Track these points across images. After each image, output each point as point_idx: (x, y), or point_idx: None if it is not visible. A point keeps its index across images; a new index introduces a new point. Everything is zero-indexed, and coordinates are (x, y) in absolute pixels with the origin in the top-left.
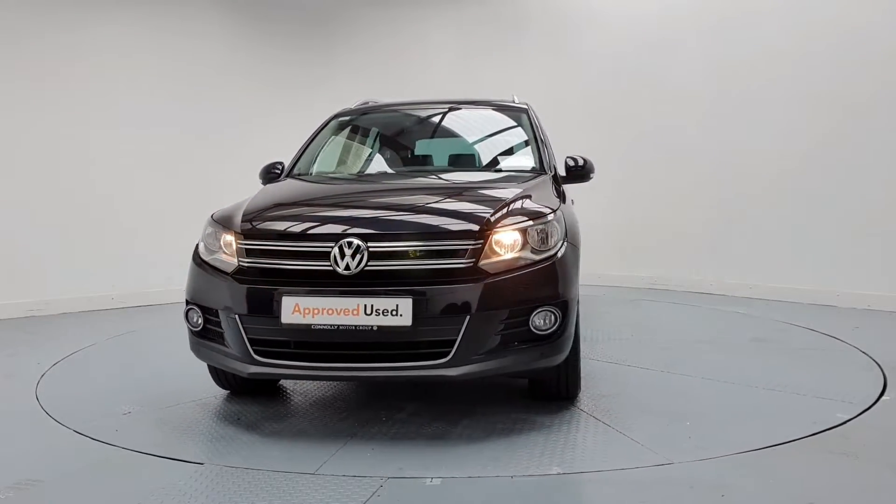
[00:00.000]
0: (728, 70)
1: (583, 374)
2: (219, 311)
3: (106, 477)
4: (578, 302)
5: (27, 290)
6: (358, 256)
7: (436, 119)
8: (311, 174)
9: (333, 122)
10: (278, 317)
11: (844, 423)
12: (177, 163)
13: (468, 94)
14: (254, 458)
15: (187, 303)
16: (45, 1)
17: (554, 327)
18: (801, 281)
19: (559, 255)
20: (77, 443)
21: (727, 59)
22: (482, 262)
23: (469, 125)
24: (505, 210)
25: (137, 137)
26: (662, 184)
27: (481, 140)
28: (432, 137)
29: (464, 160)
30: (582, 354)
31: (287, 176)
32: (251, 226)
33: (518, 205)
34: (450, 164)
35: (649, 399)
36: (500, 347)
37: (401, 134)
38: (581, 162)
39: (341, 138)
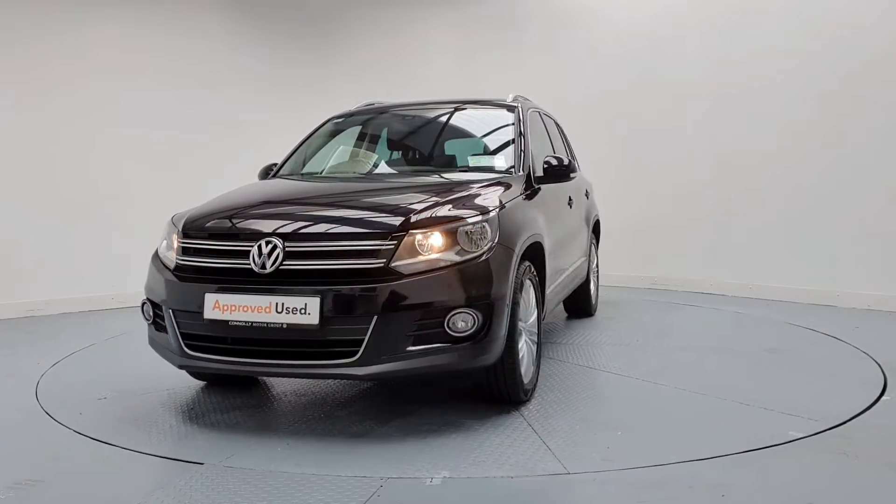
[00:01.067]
0: (728, 69)
1: (556, 378)
2: (162, 306)
3: (106, 477)
4: (513, 304)
5: (27, 290)
6: (274, 256)
7: (421, 120)
8: (293, 175)
9: (328, 125)
10: (202, 312)
11: (844, 423)
12: (177, 163)
13: (468, 94)
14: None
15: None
16: (44, 0)
17: (472, 330)
18: (801, 281)
19: (484, 257)
20: (77, 443)
21: (727, 59)
22: (395, 264)
23: (453, 125)
24: (428, 211)
25: (138, 138)
26: (662, 183)
27: (460, 140)
28: (413, 138)
29: (437, 160)
30: (568, 358)
31: (273, 176)
32: (189, 225)
33: (448, 206)
34: (423, 165)
35: (600, 407)
36: (413, 348)
37: (383, 135)
38: (555, 162)
39: (331, 140)
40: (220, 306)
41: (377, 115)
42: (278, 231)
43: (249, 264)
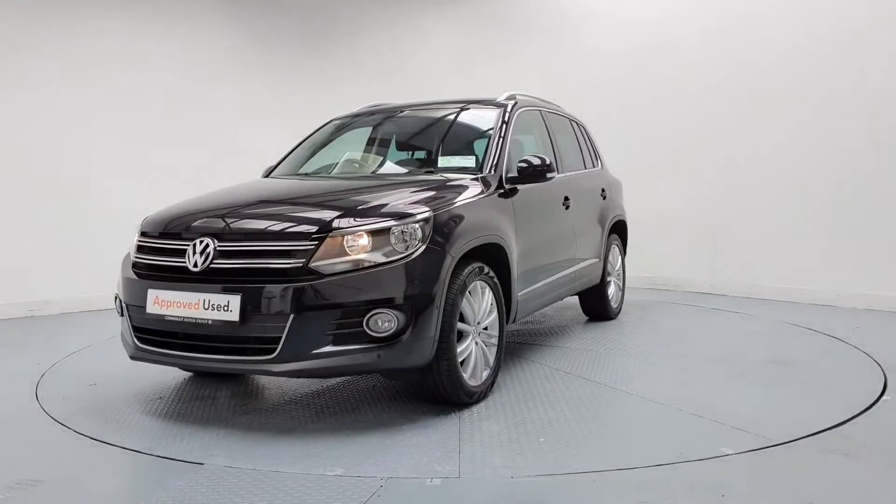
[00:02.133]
0: (728, 69)
1: (522, 381)
2: (123, 301)
3: (106, 477)
4: (451, 306)
5: (27, 290)
6: (206, 254)
7: (407, 121)
8: (282, 175)
9: (327, 126)
10: (146, 307)
11: (844, 423)
12: (177, 164)
13: (468, 94)
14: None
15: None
16: (44, 1)
17: (393, 331)
18: (801, 281)
19: (409, 258)
20: (77, 443)
21: (727, 59)
22: (315, 263)
23: (436, 126)
24: (357, 213)
25: (138, 138)
26: (662, 183)
27: (436, 141)
28: (395, 140)
29: (410, 162)
30: (550, 362)
31: (266, 176)
32: (146, 224)
33: (383, 207)
34: (399, 166)
35: (545, 413)
36: (332, 348)
37: (367, 137)
38: (532, 163)
39: (325, 140)
40: (159, 302)
41: (369, 116)
42: (212, 231)
43: (185, 262)
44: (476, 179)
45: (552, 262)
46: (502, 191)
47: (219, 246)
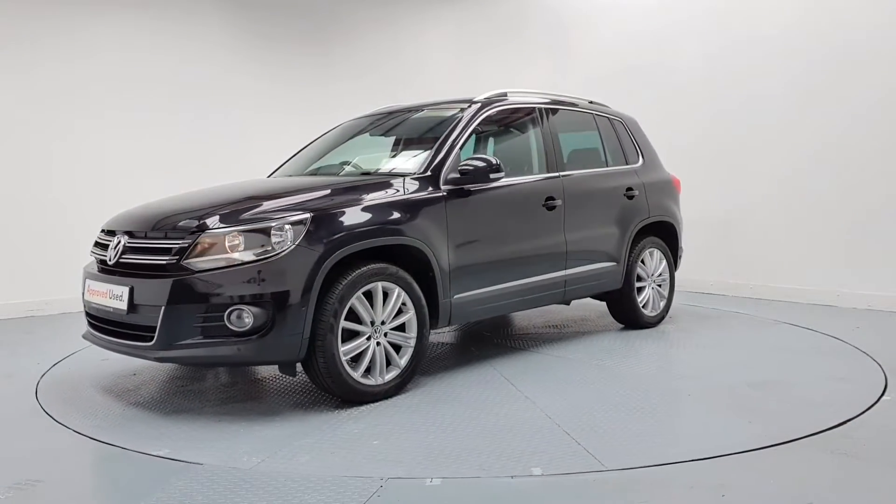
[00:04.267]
0: (728, 68)
1: (448, 383)
2: None
3: (106, 477)
4: (325, 306)
5: (27, 290)
6: (118, 249)
7: (385, 124)
8: (276, 175)
9: (332, 130)
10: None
11: (844, 423)
12: (177, 165)
13: (465, 92)
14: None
15: None
16: (43, 2)
17: (251, 327)
18: (801, 281)
19: (275, 259)
20: (77, 443)
21: (727, 57)
22: (187, 260)
23: (402, 128)
24: (233, 213)
25: (138, 139)
26: None
27: (398, 143)
28: (364, 144)
29: (361, 165)
30: (501, 367)
31: (268, 176)
32: (106, 222)
33: (257, 209)
34: (355, 166)
35: (438, 414)
36: (199, 339)
37: (353, 139)
38: (468, 166)
39: (319, 143)
40: (89, 290)
41: (364, 118)
42: (128, 229)
43: (105, 256)
44: (415, 180)
45: (518, 265)
46: (438, 192)
47: (128, 242)
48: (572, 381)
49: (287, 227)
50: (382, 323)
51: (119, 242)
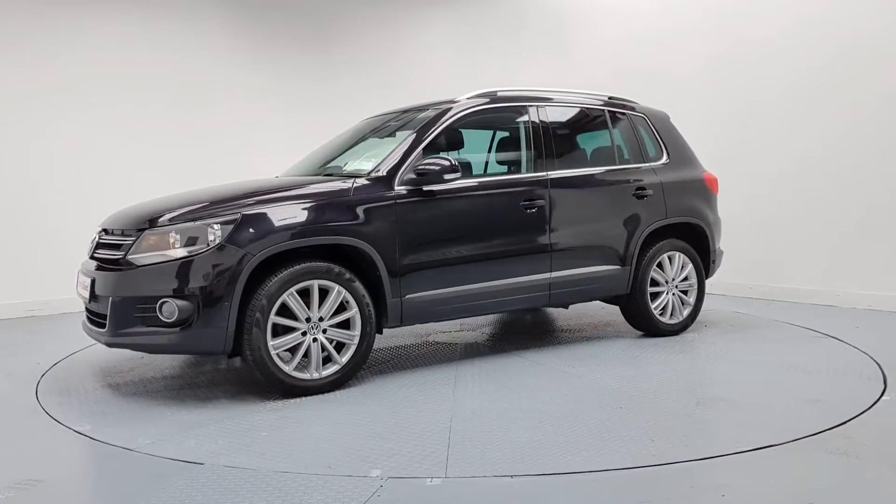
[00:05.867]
0: (727, 66)
1: (381, 383)
2: None
3: (106, 477)
4: (255, 301)
5: (27, 290)
6: (93, 244)
7: (394, 124)
8: (283, 175)
9: (353, 126)
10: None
11: (844, 423)
12: (177, 165)
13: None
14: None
15: None
16: (43, 3)
17: (177, 318)
18: (801, 281)
19: (200, 256)
20: (77, 443)
21: (727, 56)
22: (130, 256)
23: (384, 129)
24: (179, 213)
25: (140, 139)
26: None
27: (371, 144)
28: (354, 145)
29: (337, 167)
30: (465, 368)
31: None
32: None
33: (197, 209)
34: (328, 167)
35: (347, 412)
36: (140, 327)
37: (343, 141)
38: (424, 167)
39: (336, 141)
40: (77, 282)
41: (376, 118)
42: (104, 226)
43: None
44: (367, 181)
45: (486, 267)
46: (388, 193)
47: (100, 238)
48: (513, 385)
49: (216, 226)
50: (321, 320)
51: (95, 238)
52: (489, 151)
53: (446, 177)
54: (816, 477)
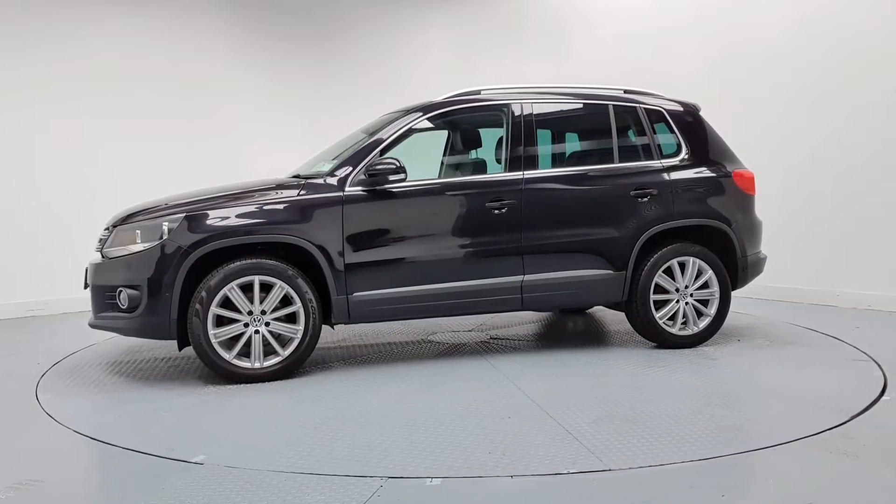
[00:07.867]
0: (727, 67)
1: (327, 378)
2: None
3: (106, 477)
4: (198, 294)
5: (27, 290)
6: (101, 239)
7: (390, 120)
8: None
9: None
10: None
11: (844, 423)
12: (178, 165)
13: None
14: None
15: None
16: (44, 5)
17: (128, 306)
18: (801, 281)
19: (147, 252)
20: (77, 443)
21: (726, 56)
22: (105, 249)
23: (365, 132)
24: (144, 211)
25: (141, 139)
26: None
27: (353, 144)
28: (345, 146)
29: (315, 166)
30: (422, 368)
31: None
32: None
33: (160, 208)
34: (304, 169)
35: (288, 407)
36: (109, 312)
37: (350, 137)
38: (374, 170)
39: (343, 139)
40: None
41: (388, 116)
42: (107, 224)
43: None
44: (317, 182)
45: (444, 268)
46: (335, 193)
47: (101, 234)
48: (459, 389)
49: (165, 224)
50: (263, 313)
51: (103, 233)
52: (456, 152)
53: (391, 178)
54: (816, 477)
